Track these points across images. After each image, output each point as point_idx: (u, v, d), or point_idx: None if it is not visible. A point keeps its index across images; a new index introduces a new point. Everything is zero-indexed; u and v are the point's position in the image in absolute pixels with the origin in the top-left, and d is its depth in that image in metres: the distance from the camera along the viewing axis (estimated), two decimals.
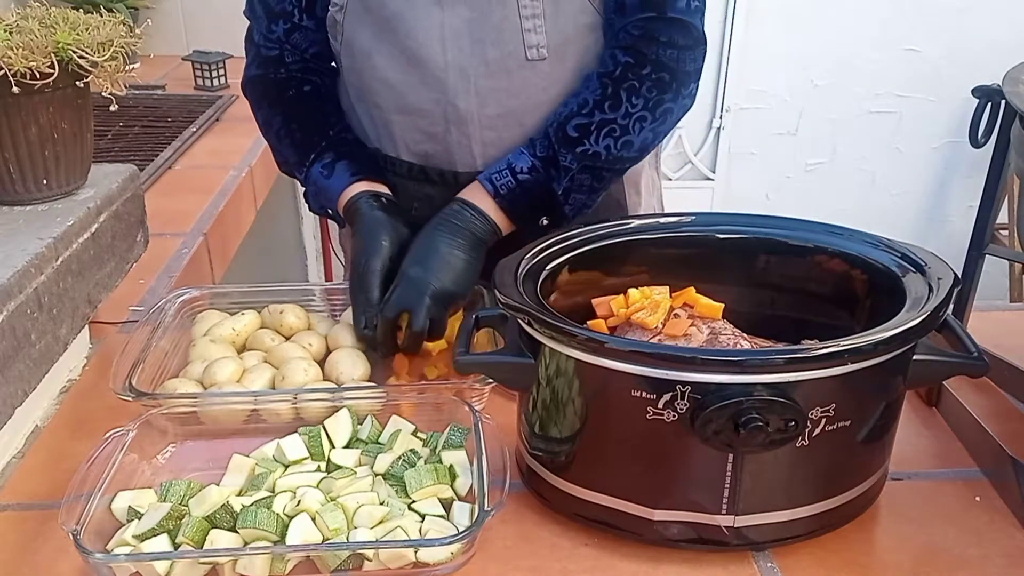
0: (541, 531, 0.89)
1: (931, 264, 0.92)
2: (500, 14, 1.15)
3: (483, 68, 1.17)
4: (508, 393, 1.00)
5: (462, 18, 1.15)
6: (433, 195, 1.26)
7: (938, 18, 3.24)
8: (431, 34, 1.16)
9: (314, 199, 1.27)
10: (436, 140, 1.23)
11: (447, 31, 1.16)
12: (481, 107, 1.19)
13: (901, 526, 0.89)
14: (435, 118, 1.21)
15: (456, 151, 1.23)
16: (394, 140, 1.26)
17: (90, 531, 0.81)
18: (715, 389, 0.77)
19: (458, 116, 1.20)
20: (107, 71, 1.02)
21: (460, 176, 1.24)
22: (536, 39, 1.16)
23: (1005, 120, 0.98)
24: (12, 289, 0.91)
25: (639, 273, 1.02)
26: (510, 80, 1.17)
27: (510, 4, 1.14)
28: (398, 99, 1.22)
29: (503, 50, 1.16)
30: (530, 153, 1.15)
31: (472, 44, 1.16)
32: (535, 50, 1.16)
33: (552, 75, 1.18)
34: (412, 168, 1.27)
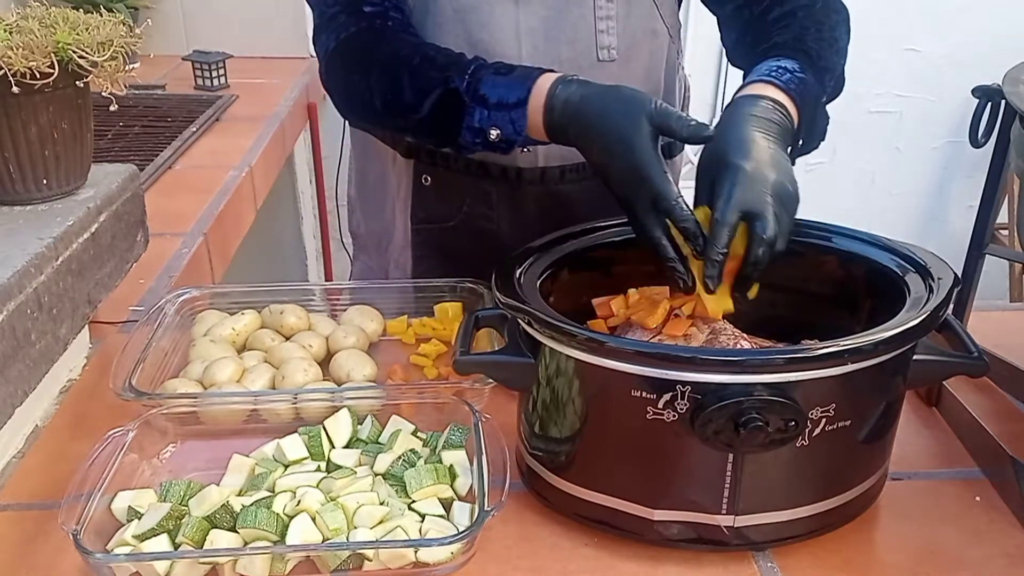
0: (541, 531, 0.89)
1: (931, 264, 0.92)
2: (577, 13, 1.16)
3: (556, 66, 1.11)
4: (508, 393, 1.00)
5: (538, 16, 1.16)
6: (490, 191, 1.25)
7: (938, 18, 3.23)
8: (506, 29, 1.16)
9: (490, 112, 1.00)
10: None
11: (523, 27, 1.16)
12: None
13: (901, 526, 0.89)
14: None
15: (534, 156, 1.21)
16: None
17: (90, 531, 0.81)
18: (715, 389, 0.77)
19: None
20: (107, 71, 1.02)
21: (523, 173, 1.23)
22: (608, 40, 1.17)
23: (1005, 120, 0.98)
24: (12, 289, 0.91)
25: (639, 273, 1.02)
26: None
27: (586, 4, 1.16)
28: None
29: (576, 49, 1.17)
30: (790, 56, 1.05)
31: (547, 42, 1.16)
32: (606, 51, 1.17)
33: (619, 77, 1.17)
34: (470, 163, 1.25)
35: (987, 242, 1.03)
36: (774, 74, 1.02)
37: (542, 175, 1.24)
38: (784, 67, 1.03)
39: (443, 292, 1.22)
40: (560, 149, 1.15)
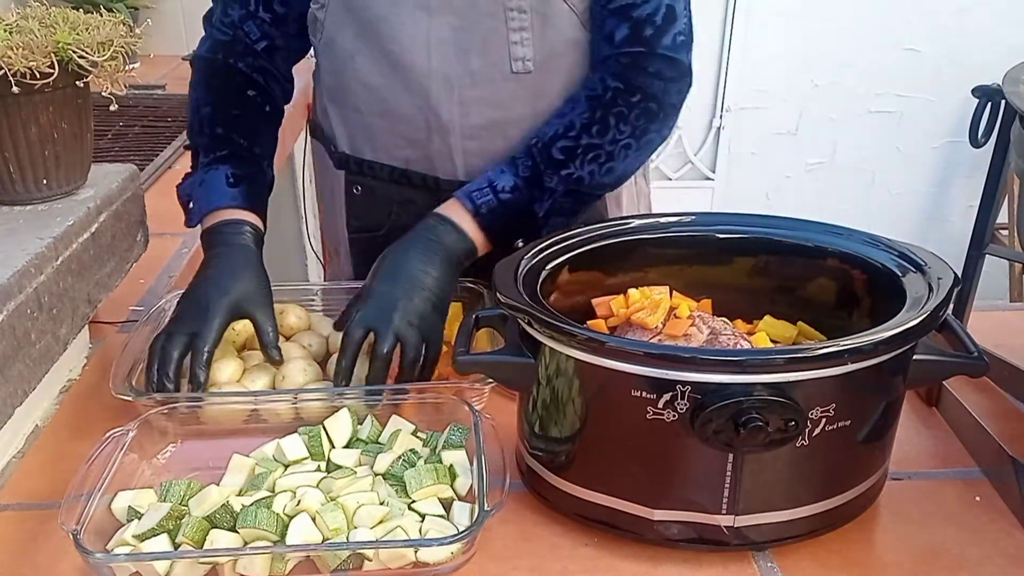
0: (541, 531, 0.89)
1: (931, 264, 0.92)
2: (488, 25, 1.13)
3: (468, 78, 1.16)
4: (508, 393, 1.00)
5: (449, 26, 1.14)
6: (414, 199, 1.26)
7: (938, 18, 3.24)
8: (416, 40, 1.15)
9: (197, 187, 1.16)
10: (417, 146, 1.22)
11: (433, 38, 1.15)
12: (464, 117, 1.18)
13: (901, 526, 0.89)
14: (417, 124, 1.20)
15: (437, 159, 1.22)
16: (374, 144, 1.25)
17: (90, 531, 0.81)
18: (715, 389, 0.77)
19: (440, 124, 1.19)
20: (107, 71, 1.02)
21: (441, 183, 1.23)
22: (523, 52, 1.15)
23: (1005, 120, 0.98)
24: (12, 289, 0.91)
25: (639, 273, 1.02)
26: (494, 91, 1.16)
27: (498, 16, 1.13)
28: (379, 103, 1.20)
29: (488, 61, 1.15)
30: (512, 172, 1.12)
31: (457, 53, 1.15)
32: (521, 63, 1.15)
33: (537, 88, 1.17)
34: (393, 172, 1.25)
35: (987, 242, 1.03)
36: (476, 195, 1.11)
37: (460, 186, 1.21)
38: (494, 185, 1.11)
39: None
40: (480, 160, 1.19)
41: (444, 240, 1.09)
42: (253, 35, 1.23)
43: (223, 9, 1.23)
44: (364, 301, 1.02)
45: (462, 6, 1.13)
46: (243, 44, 1.23)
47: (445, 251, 1.08)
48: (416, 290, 1.03)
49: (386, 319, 1.00)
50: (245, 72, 1.24)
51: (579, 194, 1.14)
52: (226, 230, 1.12)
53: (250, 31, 1.23)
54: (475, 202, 1.10)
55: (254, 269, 1.10)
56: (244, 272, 1.08)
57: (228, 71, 1.24)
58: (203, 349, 1.01)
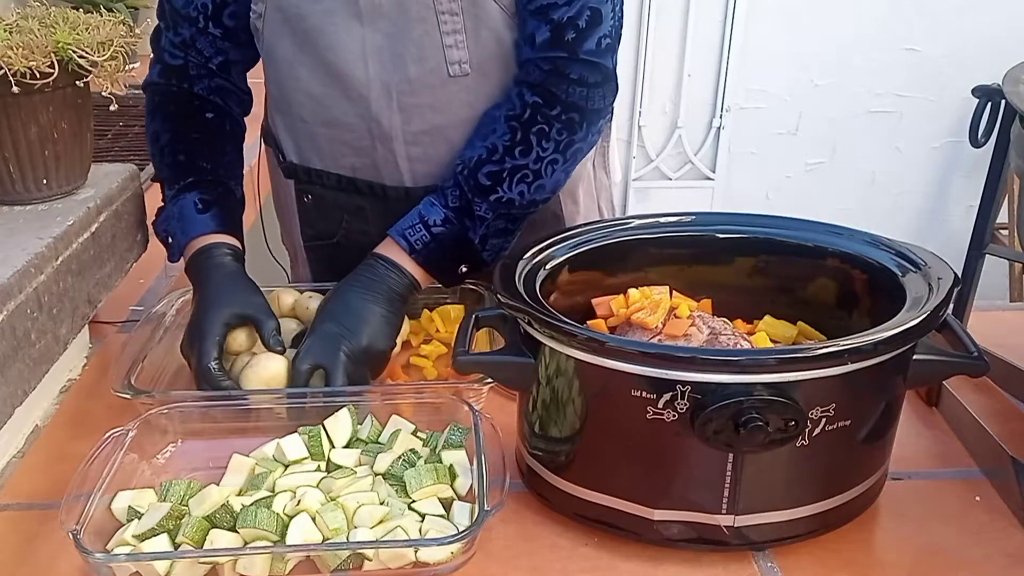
0: (541, 531, 0.89)
1: (931, 264, 0.92)
2: (420, 30, 1.12)
3: (406, 85, 1.15)
4: (508, 393, 1.00)
5: (383, 33, 1.13)
6: (364, 206, 1.25)
7: (938, 18, 3.23)
8: (352, 49, 1.14)
9: (173, 221, 1.17)
10: (362, 154, 1.21)
11: (368, 46, 1.14)
12: (405, 123, 1.17)
13: (901, 526, 0.89)
14: (360, 133, 1.19)
15: (383, 166, 1.21)
16: (320, 152, 1.24)
17: (90, 531, 0.81)
18: (715, 389, 0.77)
19: (382, 132, 1.18)
20: (107, 71, 1.02)
21: (388, 189, 1.23)
22: (458, 55, 1.13)
23: (1005, 120, 0.98)
24: (12, 289, 0.91)
25: (639, 273, 1.02)
26: (434, 96, 1.15)
27: (430, 20, 1.12)
28: (322, 112, 1.20)
29: (425, 66, 1.14)
30: (441, 204, 1.12)
31: (394, 60, 1.14)
32: (457, 66, 1.14)
33: (477, 90, 1.16)
34: (340, 180, 1.25)
35: (987, 242, 1.03)
36: (409, 232, 1.11)
37: (406, 193, 1.22)
38: (425, 220, 1.12)
39: (444, 293, 1.22)
40: (425, 165, 1.19)
41: (385, 279, 1.10)
42: (207, 52, 1.21)
43: (173, 30, 1.21)
44: (313, 338, 1.05)
45: (393, 13, 1.12)
46: (196, 65, 1.21)
47: (387, 289, 1.09)
48: (362, 327, 1.05)
49: (333, 357, 1.03)
50: (201, 95, 1.22)
51: (511, 215, 1.14)
52: (205, 255, 1.13)
53: (203, 48, 1.21)
54: (409, 240, 1.11)
55: (240, 279, 1.11)
56: (230, 285, 1.10)
57: (183, 96, 1.22)
58: (206, 366, 1.03)
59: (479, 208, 1.11)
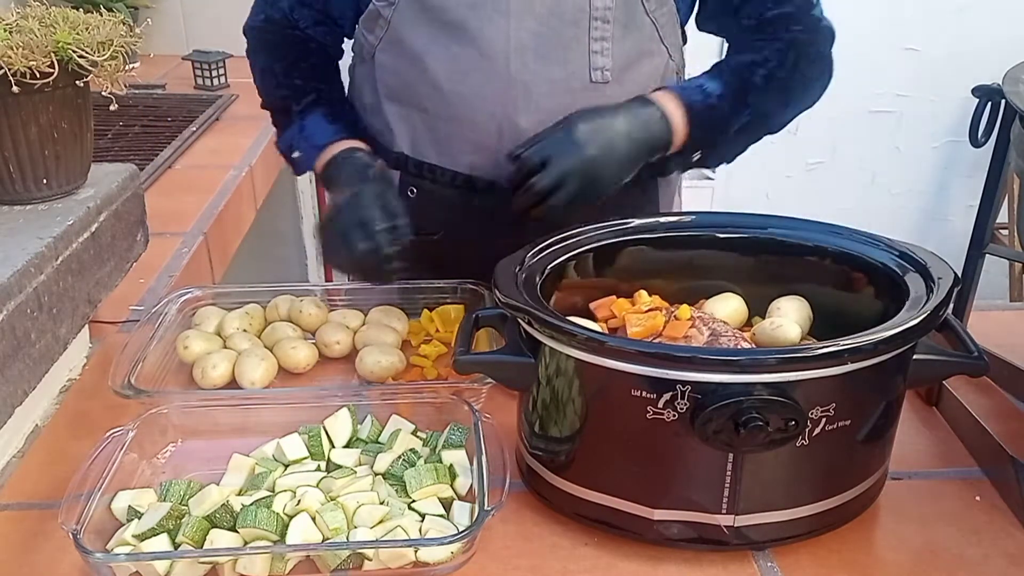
0: (541, 531, 0.89)
1: (931, 264, 0.92)
2: (571, 33, 1.13)
3: (547, 86, 1.15)
4: (508, 393, 1.00)
5: (530, 32, 1.13)
6: (476, 205, 1.24)
7: (938, 18, 3.23)
8: (496, 46, 1.14)
9: (300, 136, 1.25)
10: (486, 153, 1.20)
11: (513, 44, 1.13)
12: (540, 125, 1.15)
13: (901, 526, 0.90)
14: (489, 131, 1.18)
15: (506, 166, 1.19)
16: (438, 146, 1.23)
17: (90, 531, 0.81)
18: (715, 389, 0.77)
19: (516, 133, 1.17)
20: (107, 71, 1.02)
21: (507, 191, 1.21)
22: (603, 61, 1.15)
23: (1005, 120, 0.98)
24: (12, 288, 0.91)
25: (639, 273, 1.02)
26: (573, 100, 1.15)
27: (582, 24, 1.13)
28: (450, 107, 1.19)
29: (568, 70, 1.15)
30: (720, 81, 1.16)
31: (537, 60, 1.14)
32: (600, 72, 1.15)
33: (613, 98, 1.16)
34: (456, 177, 1.24)
35: (987, 242, 1.03)
36: (687, 92, 1.15)
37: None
38: (702, 87, 1.16)
39: (444, 293, 1.22)
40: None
41: (652, 128, 1.11)
42: (303, 23, 1.26)
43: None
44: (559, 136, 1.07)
45: (544, 12, 1.13)
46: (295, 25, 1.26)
47: (650, 137, 1.11)
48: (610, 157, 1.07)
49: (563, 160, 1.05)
50: (306, 34, 1.27)
51: (759, 123, 1.19)
52: (344, 158, 1.19)
53: (300, 19, 1.26)
54: (689, 100, 1.14)
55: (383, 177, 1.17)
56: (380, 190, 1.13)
57: (288, 35, 1.27)
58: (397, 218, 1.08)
59: (752, 96, 1.16)
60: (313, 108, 1.24)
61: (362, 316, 1.20)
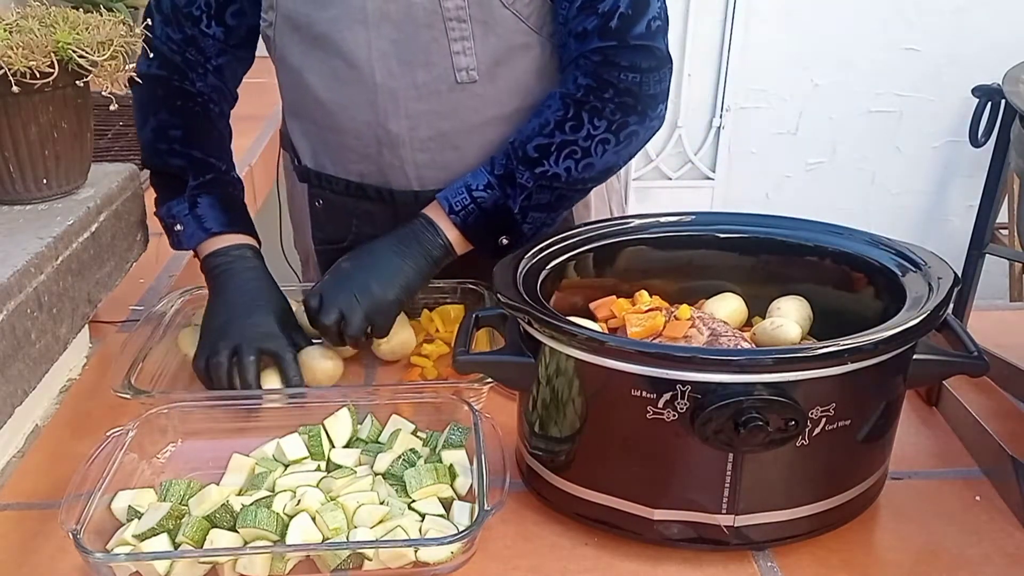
0: (541, 531, 0.89)
1: (931, 263, 0.92)
2: (428, 36, 1.12)
3: (413, 91, 1.15)
4: (508, 393, 1.00)
5: (390, 39, 1.13)
6: (372, 211, 1.26)
7: (938, 18, 3.23)
8: (359, 55, 1.14)
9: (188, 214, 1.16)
10: (369, 160, 1.22)
11: (375, 52, 1.13)
12: (412, 130, 1.17)
13: (901, 526, 0.89)
14: (367, 139, 1.20)
15: (390, 172, 1.21)
16: (331, 157, 1.25)
17: (90, 531, 0.81)
18: (715, 388, 0.77)
19: (390, 139, 1.18)
20: (107, 70, 1.02)
21: (396, 195, 1.23)
22: (466, 61, 1.13)
23: (1005, 120, 0.98)
24: (12, 288, 0.91)
25: (639, 273, 1.02)
26: (441, 103, 1.16)
27: (437, 26, 1.11)
28: (331, 118, 1.20)
29: (432, 73, 1.14)
30: (487, 171, 1.13)
31: (400, 66, 1.14)
32: (465, 72, 1.14)
33: (485, 97, 1.16)
34: (349, 185, 1.26)
35: (987, 242, 1.03)
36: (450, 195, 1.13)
37: (415, 198, 1.21)
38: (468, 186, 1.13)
39: (444, 293, 1.22)
40: (433, 172, 1.20)
41: (420, 237, 1.12)
42: (206, 53, 1.21)
43: (173, 26, 1.20)
44: (329, 275, 1.10)
45: (399, 18, 1.12)
46: (194, 63, 1.21)
47: (420, 247, 1.12)
48: (379, 274, 1.09)
49: (335, 293, 1.07)
50: (204, 93, 1.22)
51: (557, 190, 1.14)
52: (232, 253, 1.14)
53: (204, 49, 1.21)
54: (450, 201, 1.13)
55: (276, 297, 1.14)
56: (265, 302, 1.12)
57: (187, 93, 1.21)
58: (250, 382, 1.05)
59: (521, 177, 1.12)
60: (209, 189, 1.17)
61: None
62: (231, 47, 1.22)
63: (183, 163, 1.18)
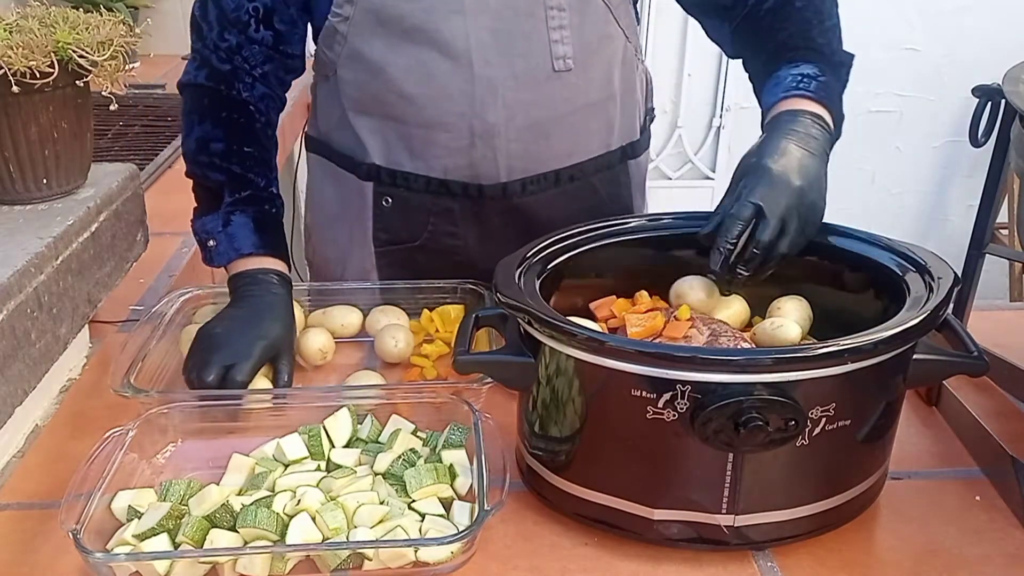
0: (541, 531, 0.89)
1: (931, 263, 0.92)
2: (528, 24, 1.14)
3: (511, 80, 1.16)
4: (508, 393, 1.00)
5: (488, 28, 1.14)
6: (453, 208, 1.25)
7: (938, 18, 3.23)
8: (456, 46, 1.14)
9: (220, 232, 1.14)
10: (459, 154, 1.21)
11: (473, 42, 1.14)
12: (509, 120, 1.17)
13: (901, 526, 0.89)
14: (459, 132, 1.19)
15: (480, 164, 1.21)
16: (411, 153, 1.23)
17: (90, 531, 0.81)
18: (715, 388, 0.77)
19: (485, 129, 1.18)
20: (107, 70, 1.02)
21: (484, 189, 1.23)
22: (563, 50, 1.15)
23: (1005, 120, 0.98)
24: (12, 288, 0.91)
25: (639, 273, 1.02)
26: (538, 91, 1.16)
27: (538, 14, 1.13)
28: (418, 113, 1.19)
29: (530, 61, 1.15)
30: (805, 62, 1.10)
31: (499, 55, 1.15)
32: (562, 61, 1.16)
33: (577, 86, 1.17)
34: (431, 182, 1.24)
35: (987, 242, 1.03)
36: (802, 85, 1.06)
37: (504, 189, 1.22)
38: (806, 75, 1.08)
39: (444, 293, 1.22)
40: (522, 162, 1.20)
41: (809, 128, 1.01)
42: (252, 61, 1.18)
43: (218, 34, 1.17)
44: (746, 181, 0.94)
45: (499, 7, 1.13)
46: (243, 72, 1.18)
47: (816, 141, 1.01)
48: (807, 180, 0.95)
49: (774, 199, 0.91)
50: (251, 103, 1.19)
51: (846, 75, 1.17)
52: (258, 277, 1.12)
53: (249, 57, 1.18)
54: (803, 90, 1.06)
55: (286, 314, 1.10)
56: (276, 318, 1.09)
57: (234, 103, 1.19)
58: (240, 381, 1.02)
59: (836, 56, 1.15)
60: (245, 207, 1.14)
61: (362, 315, 1.20)
62: (279, 53, 1.20)
63: (222, 178, 1.16)
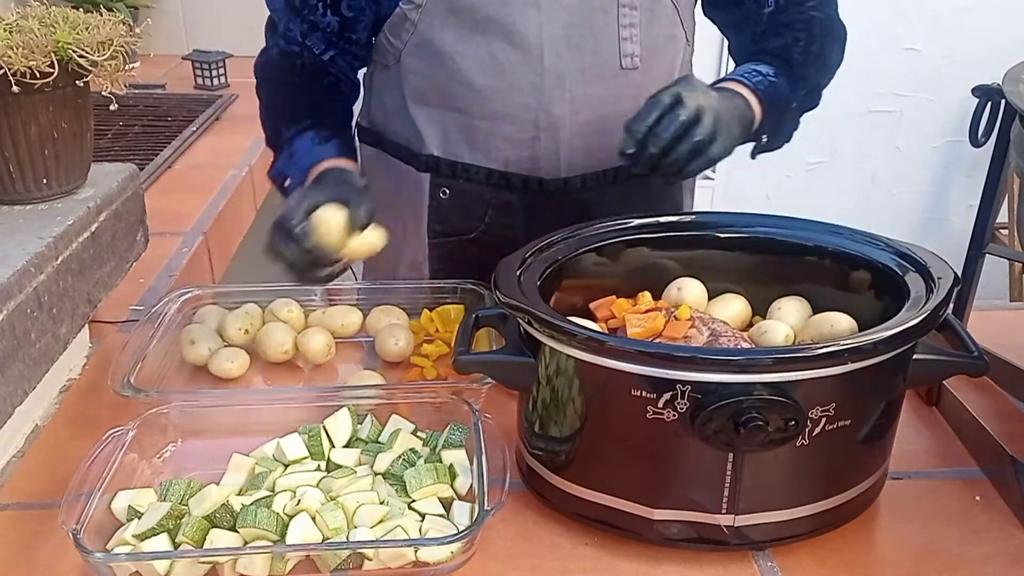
0: (541, 531, 0.89)
1: (931, 263, 0.92)
2: (601, 21, 1.15)
3: (579, 75, 1.17)
4: (508, 393, 1.00)
5: (561, 23, 1.15)
6: (511, 200, 1.26)
7: (938, 18, 3.23)
8: (529, 39, 1.15)
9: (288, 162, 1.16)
10: (521, 147, 1.22)
11: (545, 36, 1.15)
12: (574, 114, 1.19)
13: (901, 525, 0.90)
14: (524, 124, 1.20)
15: (543, 158, 1.22)
16: (471, 145, 1.23)
17: (90, 530, 0.81)
18: (715, 388, 0.77)
19: (551, 123, 1.19)
20: (107, 70, 1.02)
21: (544, 183, 1.23)
22: (632, 48, 1.17)
23: (1005, 119, 0.98)
24: (12, 288, 0.91)
25: (639, 273, 1.02)
26: (604, 87, 1.18)
27: (611, 11, 1.15)
28: (483, 104, 1.20)
29: (600, 57, 1.17)
30: (767, 63, 1.14)
31: (570, 50, 1.16)
32: (630, 59, 1.18)
33: (641, 84, 1.18)
34: (491, 174, 1.25)
35: (987, 242, 1.03)
36: (746, 76, 1.12)
37: (564, 184, 1.24)
38: (757, 71, 1.14)
39: (444, 293, 1.22)
40: (583, 157, 1.22)
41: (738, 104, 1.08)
42: (317, 47, 1.20)
43: (286, 23, 1.20)
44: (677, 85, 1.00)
45: (573, 2, 1.15)
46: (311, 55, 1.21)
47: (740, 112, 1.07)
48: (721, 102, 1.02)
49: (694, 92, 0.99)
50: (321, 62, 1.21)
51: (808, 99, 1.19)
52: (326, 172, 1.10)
53: (313, 44, 1.20)
54: (749, 80, 1.11)
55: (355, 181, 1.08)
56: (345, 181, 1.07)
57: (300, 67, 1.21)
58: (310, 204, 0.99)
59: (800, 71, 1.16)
60: (304, 132, 1.17)
61: (362, 316, 1.20)
62: (343, 39, 1.21)
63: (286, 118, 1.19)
